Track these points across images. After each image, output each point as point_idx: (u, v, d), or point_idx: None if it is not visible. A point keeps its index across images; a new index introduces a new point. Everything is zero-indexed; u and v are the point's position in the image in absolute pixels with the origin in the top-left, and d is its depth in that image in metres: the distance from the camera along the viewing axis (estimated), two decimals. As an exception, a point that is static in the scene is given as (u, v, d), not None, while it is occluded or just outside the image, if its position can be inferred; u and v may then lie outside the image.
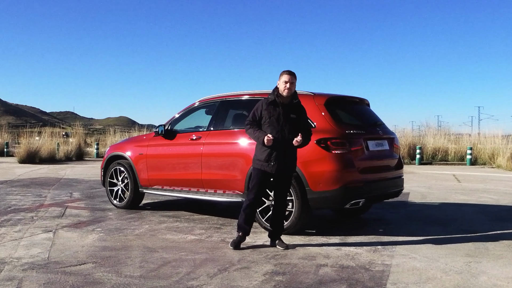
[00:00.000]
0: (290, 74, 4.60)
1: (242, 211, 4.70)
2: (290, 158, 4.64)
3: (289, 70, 4.63)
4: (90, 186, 9.97)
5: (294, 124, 4.61)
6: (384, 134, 5.80)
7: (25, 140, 18.68)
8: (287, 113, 4.59)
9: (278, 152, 4.54)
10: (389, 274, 3.82)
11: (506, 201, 8.01)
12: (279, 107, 4.59)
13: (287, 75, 4.58)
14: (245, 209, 4.68)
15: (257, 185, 4.63)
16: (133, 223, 5.95)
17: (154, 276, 3.74)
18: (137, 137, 8.09)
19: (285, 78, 4.57)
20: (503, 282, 3.65)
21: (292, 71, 4.64)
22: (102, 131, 37.91)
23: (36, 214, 6.51)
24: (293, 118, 4.61)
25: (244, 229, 4.70)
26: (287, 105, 4.61)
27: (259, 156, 4.60)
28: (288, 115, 4.59)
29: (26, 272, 3.84)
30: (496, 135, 18.52)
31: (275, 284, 3.58)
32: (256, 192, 4.65)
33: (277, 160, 4.54)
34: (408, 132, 20.77)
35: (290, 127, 4.57)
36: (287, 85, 4.56)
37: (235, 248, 4.60)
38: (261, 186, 4.66)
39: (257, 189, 4.64)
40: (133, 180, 6.81)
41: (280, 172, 4.60)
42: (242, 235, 4.70)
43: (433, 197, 8.47)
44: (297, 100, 4.70)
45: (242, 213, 4.70)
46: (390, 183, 5.73)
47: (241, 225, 4.69)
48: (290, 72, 4.62)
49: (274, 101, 4.59)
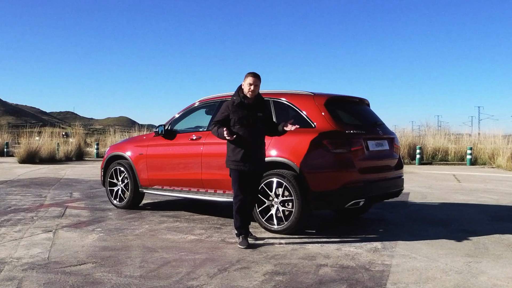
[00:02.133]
0: (254, 76, 4.78)
1: (236, 213, 4.85)
2: (261, 156, 4.92)
3: (253, 73, 4.81)
4: (90, 186, 9.97)
5: (262, 122, 4.88)
6: (384, 134, 5.80)
7: (25, 140, 18.68)
8: (254, 112, 4.81)
9: (251, 151, 4.77)
10: (389, 274, 3.82)
11: (506, 201, 8.01)
12: (246, 108, 4.78)
13: (252, 77, 4.77)
14: (238, 211, 4.84)
15: (240, 186, 4.83)
16: (133, 223, 5.96)
17: (154, 276, 3.74)
18: (137, 137, 8.09)
19: (250, 80, 4.76)
20: (503, 282, 3.65)
21: (257, 74, 4.83)
22: (102, 131, 37.90)
23: (36, 214, 6.51)
24: (260, 117, 4.85)
25: (245, 231, 4.85)
26: (253, 105, 4.81)
27: (233, 157, 4.79)
28: (255, 115, 4.81)
29: (26, 272, 3.84)
30: (496, 135, 18.56)
31: (275, 284, 3.59)
32: (242, 192, 4.83)
33: (251, 159, 4.77)
34: (408, 132, 20.78)
35: (259, 126, 4.85)
36: (251, 88, 4.75)
37: (248, 247, 4.68)
38: (243, 185, 4.85)
39: (242, 189, 4.84)
40: (133, 180, 6.81)
41: (254, 170, 4.83)
42: (245, 236, 4.83)
43: (433, 197, 8.47)
44: (261, 100, 4.93)
45: (236, 216, 4.85)
46: (390, 183, 5.73)
47: (240, 227, 4.83)
48: (254, 74, 4.80)
49: (241, 102, 4.78)
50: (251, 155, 4.76)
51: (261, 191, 5.34)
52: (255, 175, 4.92)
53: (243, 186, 4.84)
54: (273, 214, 5.28)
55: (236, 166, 4.79)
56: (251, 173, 4.84)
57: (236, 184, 4.84)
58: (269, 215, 5.31)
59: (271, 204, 5.30)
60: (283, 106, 5.61)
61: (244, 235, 4.81)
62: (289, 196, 5.17)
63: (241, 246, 4.69)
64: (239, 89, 4.87)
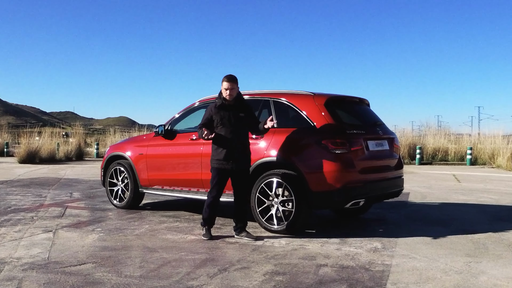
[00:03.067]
0: (229, 81, 4.97)
1: (207, 207, 5.11)
2: (245, 155, 5.10)
3: (227, 77, 4.99)
4: (90, 186, 9.97)
5: (244, 122, 5.08)
6: (384, 134, 5.80)
7: (25, 140, 18.65)
8: (236, 113, 5.02)
9: (234, 150, 4.98)
10: (389, 274, 3.82)
11: (506, 201, 8.01)
12: (227, 109, 5.01)
13: (227, 82, 4.97)
14: (210, 205, 5.11)
15: (218, 183, 5.07)
16: (133, 223, 5.96)
17: (154, 276, 3.74)
18: (137, 137, 8.09)
19: (225, 85, 4.98)
20: (503, 282, 3.65)
21: (232, 77, 5.00)
22: (102, 131, 37.89)
23: (36, 214, 6.51)
24: (242, 117, 5.05)
25: (210, 223, 5.17)
26: (234, 106, 5.03)
27: (217, 156, 5.03)
28: (237, 115, 5.02)
29: (26, 272, 3.84)
30: (496, 135, 18.54)
31: (275, 284, 3.59)
32: (218, 189, 5.09)
33: (234, 158, 4.98)
34: (408, 132, 20.79)
35: (241, 126, 5.05)
36: (227, 92, 4.97)
37: (210, 238, 5.04)
38: (221, 183, 5.09)
39: (219, 187, 5.09)
40: (133, 180, 6.81)
41: (238, 169, 5.03)
42: (208, 228, 5.15)
43: (433, 197, 8.47)
44: (241, 100, 5.13)
45: (206, 209, 5.12)
46: (390, 183, 5.73)
47: (206, 219, 5.13)
48: (229, 79, 4.98)
49: (222, 104, 5.01)
50: (233, 154, 4.97)
51: (261, 191, 5.34)
52: (241, 173, 5.10)
53: (221, 184, 5.09)
54: (273, 214, 5.28)
55: (218, 165, 5.02)
56: (236, 172, 5.05)
57: (214, 181, 5.08)
58: (269, 215, 5.31)
59: (271, 204, 5.30)
60: (283, 106, 5.61)
61: (208, 227, 5.13)
62: (289, 196, 5.17)
63: (204, 238, 5.05)
64: (220, 92, 5.07)
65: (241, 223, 5.17)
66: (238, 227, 5.17)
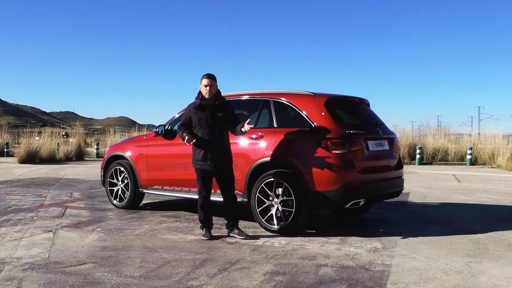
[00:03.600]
0: (208, 77, 5.03)
1: (200, 208, 5.14)
2: (224, 154, 5.13)
3: (207, 74, 5.05)
4: (90, 186, 9.97)
5: (223, 122, 5.09)
6: (384, 134, 5.80)
7: (25, 140, 18.65)
8: (214, 113, 5.03)
9: (212, 151, 5.02)
10: (389, 274, 3.82)
11: (506, 201, 8.01)
12: (205, 109, 5.02)
13: (206, 79, 5.02)
14: (202, 206, 5.14)
15: (203, 184, 5.13)
16: (133, 223, 5.96)
17: (154, 276, 3.74)
18: (137, 137, 8.09)
19: (205, 82, 5.01)
20: (503, 282, 3.65)
21: (211, 74, 5.06)
22: (102, 131, 37.89)
23: (36, 214, 6.51)
24: (220, 117, 5.06)
25: (208, 223, 5.17)
26: (212, 106, 5.04)
27: (197, 157, 5.08)
28: (215, 115, 5.03)
29: (26, 272, 3.84)
30: (496, 135, 18.54)
31: (275, 284, 3.59)
32: (205, 189, 5.13)
33: (212, 158, 5.01)
34: (408, 132, 20.77)
35: (220, 126, 5.06)
36: (207, 88, 4.99)
37: (210, 238, 5.04)
38: (206, 183, 5.13)
39: (205, 187, 5.14)
40: (133, 180, 6.81)
41: (218, 168, 5.08)
42: (208, 228, 5.15)
43: (433, 197, 8.47)
44: (221, 99, 5.13)
45: (200, 210, 5.15)
46: (390, 183, 5.73)
47: (203, 221, 5.15)
48: (208, 75, 5.04)
49: (200, 104, 5.03)
50: (212, 155, 5.02)
51: (261, 191, 5.34)
52: (222, 173, 5.14)
53: (206, 183, 5.12)
54: (273, 214, 5.28)
55: (199, 166, 5.09)
56: (217, 172, 5.11)
57: (200, 182, 5.14)
58: (269, 215, 5.31)
59: (271, 204, 5.30)
60: (283, 106, 5.61)
61: (207, 228, 5.14)
62: (289, 196, 5.17)
63: (204, 238, 5.05)
64: (199, 92, 5.10)
65: (232, 221, 5.21)
66: (230, 224, 5.22)
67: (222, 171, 5.13)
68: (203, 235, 5.10)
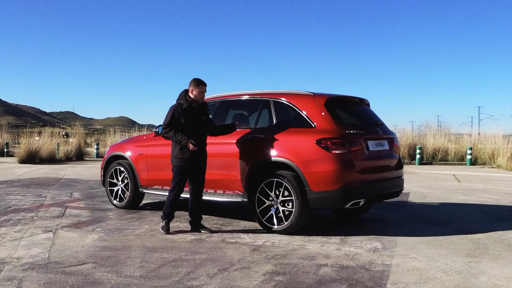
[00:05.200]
0: (205, 85, 5.41)
1: (169, 203, 5.39)
2: (204, 155, 5.44)
3: (203, 82, 5.40)
4: (90, 186, 9.97)
5: (205, 124, 5.48)
6: (384, 134, 5.80)
7: (25, 140, 18.66)
8: (199, 116, 5.39)
9: (197, 150, 5.26)
10: (389, 274, 3.82)
11: (506, 201, 8.01)
12: (193, 112, 5.33)
13: (203, 86, 5.38)
14: (172, 202, 5.39)
15: (179, 181, 5.37)
16: (133, 223, 5.96)
17: (154, 276, 3.74)
18: (137, 137, 8.09)
19: (203, 89, 5.38)
20: (503, 282, 3.65)
21: (204, 82, 5.43)
22: (102, 131, 37.84)
23: (36, 214, 6.51)
24: (203, 119, 5.45)
25: (171, 217, 5.47)
26: (198, 109, 5.37)
27: (181, 155, 5.28)
28: (200, 118, 5.40)
29: (26, 272, 3.84)
30: (496, 135, 18.54)
31: (275, 284, 3.59)
32: (180, 187, 5.39)
33: (195, 157, 5.29)
34: (408, 132, 20.74)
35: (202, 128, 5.44)
36: (203, 94, 5.40)
37: (167, 232, 5.31)
38: (182, 181, 5.39)
39: (180, 184, 5.38)
40: (133, 180, 6.81)
41: (198, 167, 5.38)
42: (168, 221, 5.43)
43: (433, 197, 8.47)
44: (205, 104, 5.58)
45: (168, 205, 5.40)
46: (390, 183, 5.73)
47: (167, 214, 5.42)
48: (204, 83, 5.41)
49: (189, 106, 5.29)
50: (196, 154, 5.28)
51: (261, 191, 5.35)
52: (197, 172, 5.43)
53: (183, 181, 5.39)
54: (273, 214, 5.29)
55: (182, 163, 5.30)
56: (195, 170, 5.39)
57: (177, 179, 5.36)
58: (269, 215, 5.31)
59: (271, 204, 5.30)
60: (283, 106, 5.61)
61: (167, 221, 5.41)
62: (289, 196, 5.17)
63: (162, 231, 5.34)
64: (186, 93, 5.36)
65: (199, 218, 5.53)
66: (194, 221, 5.51)
67: (198, 171, 5.41)
68: (161, 227, 5.38)
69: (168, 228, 5.38)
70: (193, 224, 5.50)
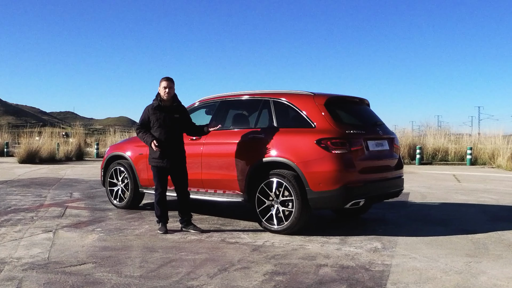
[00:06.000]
0: (167, 80, 5.34)
1: (157, 204, 5.42)
2: (179, 153, 5.41)
3: (167, 77, 5.36)
4: (90, 186, 9.97)
5: (179, 123, 5.41)
6: (384, 134, 5.80)
7: (25, 140, 18.64)
8: (171, 114, 5.34)
9: (169, 149, 5.29)
10: (389, 274, 3.82)
11: (506, 201, 8.01)
12: (163, 110, 5.31)
13: (166, 81, 5.33)
14: (158, 203, 5.41)
15: (159, 181, 5.41)
16: (133, 223, 5.96)
17: (154, 276, 3.74)
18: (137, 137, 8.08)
19: (164, 84, 5.31)
20: (503, 282, 3.65)
21: (170, 77, 5.38)
22: (102, 131, 37.85)
23: (36, 214, 6.51)
24: (177, 118, 5.38)
25: (165, 218, 5.45)
26: (169, 108, 5.35)
27: (154, 155, 5.32)
28: (172, 116, 5.34)
29: (26, 272, 3.84)
30: (496, 135, 18.54)
31: (275, 284, 3.59)
32: (161, 186, 5.41)
33: (170, 157, 5.30)
34: (408, 132, 20.77)
35: (176, 126, 5.37)
36: (166, 90, 5.30)
37: (166, 232, 5.33)
38: (162, 180, 5.41)
39: (161, 184, 5.41)
40: (133, 180, 6.81)
41: (174, 166, 5.36)
42: (164, 223, 5.43)
43: (433, 197, 8.47)
44: (177, 102, 5.46)
45: (157, 206, 5.42)
46: (390, 183, 5.73)
47: (160, 216, 5.43)
48: (168, 78, 5.36)
49: (158, 105, 5.32)
50: (168, 153, 5.29)
51: (261, 191, 5.35)
52: (177, 170, 5.42)
53: (162, 180, 5.40)
54: (273, 214, 5.29)
55: (156, 163, 5.35)
56: (172, 169, 5.38)
57: (156, 178, 5.41)
58: (269, 215, 5.31)
59: (271, 204, 5.30)
60: (283, 106, 5.61)
61: (163, 223, 5.42)
62: (289, 196, 5.17)
63: (160, 231, 5.34)
64: (157, 94, 5.38)
65: (186, 217, 5.49)
66: (184, 220, 5.49)
67: (177, 169, 5.41)
68: (158, 229, 5.39)
69: (166, 229, 5.39)
70: (181, 222, 5.52)
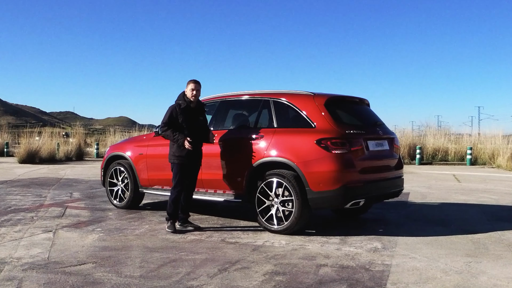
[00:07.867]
0: (195, 83, 5.49)
1: (172, 202, 5.43)
2: (200, 152, 5.56)
3: (195, 80, 5.51)
4: (90, 186, 9.97)
5: (202, 124, 5.59)
6: (384, 134, 5.80)
7: (25, 140, 18.62)
8: (197, 115, 5.51)
9: (195, 149, 5.39)
10: (389, 274, 3.82)
11: (506, 201, 8.01)
12: (190, 111, 5.45)
13: (194, 83, 5.47)
14: (174, 200, 5.45)
15: (180, 179, 5.45)
16: (133, 223, 5.96)
17: (154, 276, 3.74)
18: (137, 137, 8.08)
19: (192, 86, 5.46)
20: (503, 282, 3.65)
21: (197, 80, 5.52)
22: (102, 131, 37.88)
23: (36, 214, 6.51)
24: (201, 120, 5.57)
25: (175, 217, 5.51)
26: (195, 109, 5.50)
27: (179, 153, 5.40)
28: (197, 118, 5.52)
29: (26, 272, 3.84)
30: (496, 135, 18.54)
31: (275, 284, 3.59)
32: (181, 185, 5.46)
33: (193, 155, 5.43)
34: (408, 132, 20.74)
35: (200, 127, 5.53)
36: (194, 92, 5.44)
37: (175, 231, 5.34)
38: (184, 178, 5.46)
39: (181, 182, 5.46)
40: (133, 180, 6.81)
41: (193, 165, 5.52)
42: (174, 221, 5.48)
43: (433, 197, 8.47)
44: (202, 104, 5.67)
45: (171, 204, 5.43)
46: (390, 183, 5.73)
47: (171, 214, 5.46)
48: (196, 81, 5.50)
49: (187, 106, 5.43)
50: (193, 152, 5.39)
51: (261, 191, 5.35)
52: (194, 169, 5.58)
53: (183, 179, 5.45)
54: (273, 214, 5.29)
55: (180, 161, 5.41)
56: (191, 168, 5.50)
57: (177, 177, 5.45)
58: (269, 215, 5.31)
59: (271, 204, 5.30)
60: (283, 106, 5.61)
61: (173, 221, 5.45)
62: (289, 196, 5.17)
63: (169, 230, 5.37)
64: (183, 94, 5.49)
65: (185, 215, 5.61)
66: (181, 218, 5.58)
67: (193, 169, 5.54)
68: (167, 227, 5.41)
69: (175, 227, 5.42)
70: (179, 220, 5.57)
